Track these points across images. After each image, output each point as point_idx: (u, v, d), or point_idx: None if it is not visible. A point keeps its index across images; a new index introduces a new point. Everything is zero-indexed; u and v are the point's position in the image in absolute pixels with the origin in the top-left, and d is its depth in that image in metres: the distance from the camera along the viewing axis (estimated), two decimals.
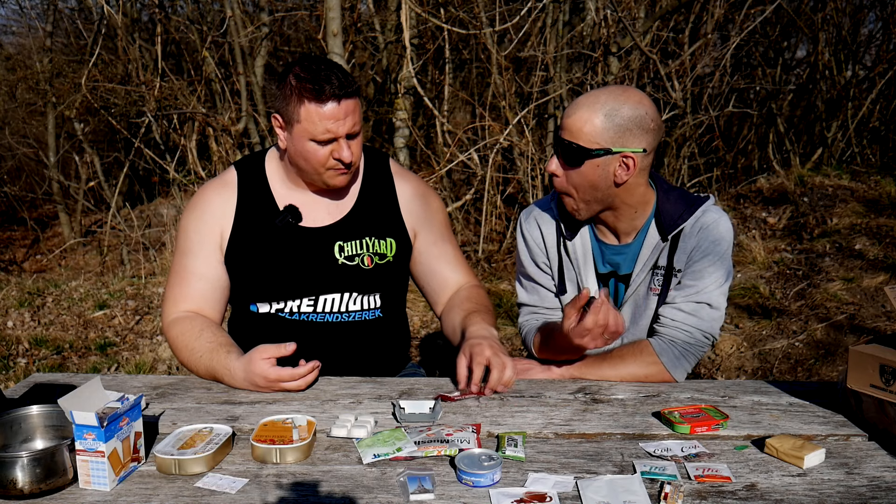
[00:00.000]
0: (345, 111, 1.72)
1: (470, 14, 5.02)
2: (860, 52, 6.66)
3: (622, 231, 1.79)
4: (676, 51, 5.56)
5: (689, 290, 1.75)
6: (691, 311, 1.74)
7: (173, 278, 1.88)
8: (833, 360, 3.62)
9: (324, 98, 1.69)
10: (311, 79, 1.69)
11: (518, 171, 5.29)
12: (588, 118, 1.62)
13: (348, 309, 1.88)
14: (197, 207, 1.88)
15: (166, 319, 1.86)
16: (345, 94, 1.71)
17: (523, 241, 1.92)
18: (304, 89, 1.69)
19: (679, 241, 1.74)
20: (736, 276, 4.57)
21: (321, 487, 1.28)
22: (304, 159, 1.78)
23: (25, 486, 1.23)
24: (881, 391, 1.43)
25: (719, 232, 1.73)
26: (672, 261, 1.75)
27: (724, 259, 1.74)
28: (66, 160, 8.20)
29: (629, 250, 1.80)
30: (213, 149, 5.66)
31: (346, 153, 1.75)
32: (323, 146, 1.74)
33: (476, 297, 1.96)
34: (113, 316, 4.69)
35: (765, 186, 5.78)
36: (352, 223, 1.90)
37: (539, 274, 1.91)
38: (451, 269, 2.02)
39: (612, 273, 1.84)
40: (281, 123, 1.79)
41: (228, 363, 1.69)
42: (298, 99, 1.71)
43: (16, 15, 9.10)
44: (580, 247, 1.83)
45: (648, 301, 1.80)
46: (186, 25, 6.28)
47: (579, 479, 1.30)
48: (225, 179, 1.91)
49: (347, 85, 1.72)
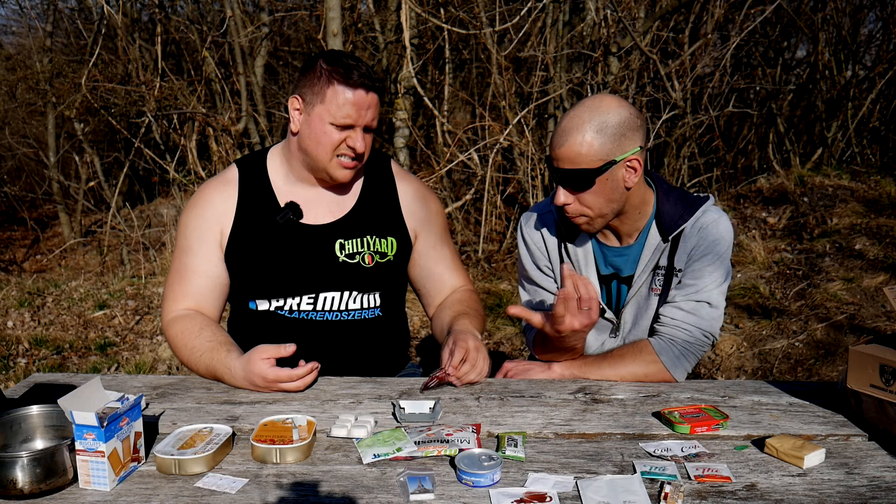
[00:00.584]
0: (368, 102, 1.76)
1: (470, 14, 5.02)
2: (860, 52, 6.66)
3: (625, 233, 1.80)
4: (676, 51, 5.56)
5: (688, 290, 1.75)
6: (691, 309, 1.75)
7: (173, 276, 1.89)
8: (833, 360, 3.62)
9: (353, 83, 1.74)
10: (344, 64, 1.75)
11: (518, 171, 5.29)
12: (581, 141, 1.62)
13: (348, 307, 1.88)
14: (197, 205, 1.88)
15: (166, 318, 1.86)
16: (372, 86, 1.76)
17: (524, 245, 1.93)
18: (336, 71, 1.74)
19: (679, 241, 1.76)
20: (736, 276, 4.57)
21: (321, 487, 1.28)
22: (316, 142, 1.78)
23: (25, 486, 1.23)
24: (881, 391, 1.43)
25: (719, 232, 1.74)
26: (673, 261, 1.76)
27: (723, 259, 1.75)
28: (66, 160, 8.20)
29: (630, 252, 1.81)
30: (213, 149, 5.66)
31: (360, 143, 1.77)
32: (339, 131, 1.76)
33: (468, 300, 1.99)
34: (113, 316, 4.69)
35: (765, 186, 5.78)
36: (353, 221, 1.90)
37: (541, 277, 1.92)
38: (449, 273, 2.04)
39: (614, 275, 1.85)
40: (300, 105, 1.80)
41: (228, 362, 1.69)
42: (328, 80, 1.74)
43: (16, 15, 9.12)
44: (581, 250, 1.85)
45: (650, 301, 1.81)
46: (186, 25, 6.28)
47: (579, 479, 1.30)
48: (226, 177, 1.91)
49: (375, 79, 1.77)
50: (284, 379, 1.64)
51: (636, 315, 1.84)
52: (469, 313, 1.91)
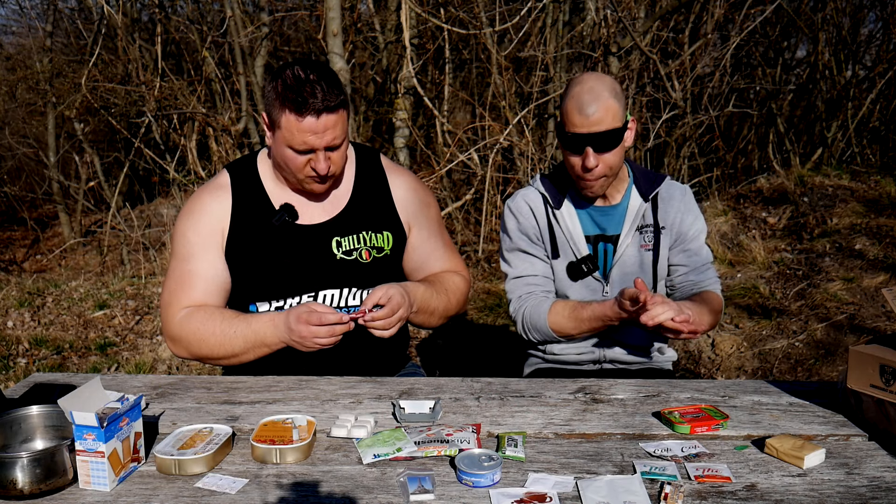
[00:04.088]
0: (324, 126, 1.71)
1: (470, 14, 5.02)
2: (860, 52, 6.65)
3: (609, 191, 2.00)
4: (676, 51, 5.56)
5: (695, 259, 2.03)
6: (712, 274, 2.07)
7: (173, 284, 1.85)
8: (833, 360, 3.62)
9: (303, 112, 1.69)
10: (296, 88, 1.68)
11: (518, 171, 5.28)
12: (608, 105, 1.82)
13: (347, 304, 1.89)
14: (194, 211, 1.87)
15: (172, 321, 1.82)
16: (326, 109, 1.69)
17: (513, 218, 2.05)
18: (287, 98, 1.69)
19: (658, 202, 2.01)
20: (736, 276, 4.57)
21: (321, 487, 1.28)
22: (283, 161, 1.80)
23: (25, 487, 1.23)
24: (881, 391, 1.43)
25: (682, 188, 2.06)
26: (657, 219, 2.00)
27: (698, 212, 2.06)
28: (66, 160, 8.20)
29: (615, 212, 2.01)
30: (213, 149, 5.66)
31: (322, 166, 1.75)
32: (301, 155, 1.76)
33: (444, 277, 2.00)
34: (113, 316, 4.69)
35: (765, 186, 5.78)
36: (348, 218, 1.91)
37: (531, 246, 2.04)
38: (444, 263, 2.05)
39: (600, 236, 2.02)
40: (267, 123, 1.80)
41: (270, 318, 1.74)
42: (281, 106, 1.72)
43: (16, 15, 9.10)
44: (567, 213, 2.01)
45: (643, 257, 2.01)
46: (186, 25, 6.27)
47: (579, 479, 1.30)
48: (218, 182, 1.91)
49: (331, 99, 1.70)
50: (333, 319, 1.66)
51: (623, 273, 2.01)
52: (433, 282, 1.94)
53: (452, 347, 3.73)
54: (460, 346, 3.94)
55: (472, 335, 4.10)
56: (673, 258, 2.04)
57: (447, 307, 1.96)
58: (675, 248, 2.04)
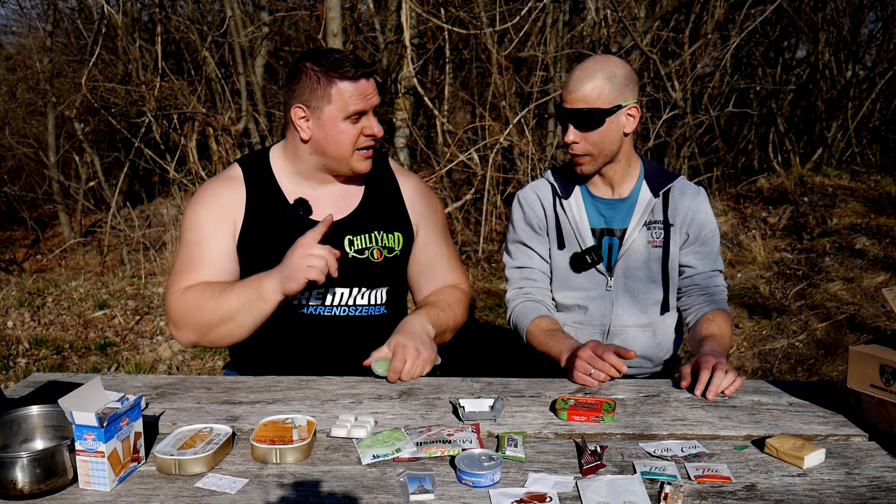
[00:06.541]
0: (372, 86, 1.81)
1: (470, 14, 5.02)
2: (860, 52, 6.65)
3: (616, 182, 2.00)
4: (676, 51, 5.56)
5: (709, 261, 2.03)
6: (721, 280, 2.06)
7: (179, 266, 1.83)
8: (833, 359, 3.62)
9: (356, 75, 1.76)
10: (338, 61, 1.76)
11: (518, 171, 5.28)
12: (595, 85, 1.85)
13: (356, 303, 1.89)
14: (205, 198, 1.86)
15: (173, 297, 1.79)
16: (369, 71, 1.79)
17: (519, 206, 2.08)
18: (334, 69, 1.75)
19: (669, 199, 1.99)
20: (736, 276, 4.57)
21: (321, 487, 1.28)
22: (335, 143, 1.80)
23: (25, 487, 1.23)
24: (881, 391, 1.43)
25: (697, 188, 2.06)
26: (667, 216, 1.99)
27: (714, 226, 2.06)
28: (66, 160, 8.20)
29: (624, 205, 2.01)
30: (213, 149, 5.66)
31: (377, 125, 1.81)
32: (354, 124, 1.78)
33: (448, 295, 1.99)
34: (113, 316, 4.69)
35: (765, 186, 5.78)
36: (361, 217, 1.92)
37: (533, 237, 2.05)
38: (444, 270, 2.04)
39: (606, 230, 2.02)
40: (306, 114, 1.79)
41: (266, 273, 1.71)
42: (328, 82, 1.75)
43: (16, 15, 9.11)
44: (575, 204, 2.02)
45: (651, 253, 2.00)
46: (186, 25, 6.27)
47: (579, 479, 1.30)
48: (230, 174, 1.90)
49: (367, 64, 1.80)
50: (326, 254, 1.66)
51: (629, 267, 2.00)
52: (437, 304, 1.93)
53: (452, 347, 3.73)
54: (460, 346, 3.93)
55: (471, 335, 4.10)
56: (683, 258, 2.03)
57: (455, 321, 1.97)
58: (685, 248, 2.02)
